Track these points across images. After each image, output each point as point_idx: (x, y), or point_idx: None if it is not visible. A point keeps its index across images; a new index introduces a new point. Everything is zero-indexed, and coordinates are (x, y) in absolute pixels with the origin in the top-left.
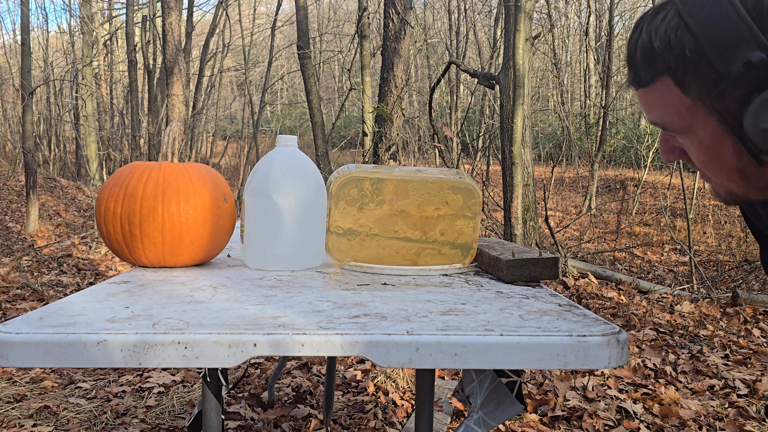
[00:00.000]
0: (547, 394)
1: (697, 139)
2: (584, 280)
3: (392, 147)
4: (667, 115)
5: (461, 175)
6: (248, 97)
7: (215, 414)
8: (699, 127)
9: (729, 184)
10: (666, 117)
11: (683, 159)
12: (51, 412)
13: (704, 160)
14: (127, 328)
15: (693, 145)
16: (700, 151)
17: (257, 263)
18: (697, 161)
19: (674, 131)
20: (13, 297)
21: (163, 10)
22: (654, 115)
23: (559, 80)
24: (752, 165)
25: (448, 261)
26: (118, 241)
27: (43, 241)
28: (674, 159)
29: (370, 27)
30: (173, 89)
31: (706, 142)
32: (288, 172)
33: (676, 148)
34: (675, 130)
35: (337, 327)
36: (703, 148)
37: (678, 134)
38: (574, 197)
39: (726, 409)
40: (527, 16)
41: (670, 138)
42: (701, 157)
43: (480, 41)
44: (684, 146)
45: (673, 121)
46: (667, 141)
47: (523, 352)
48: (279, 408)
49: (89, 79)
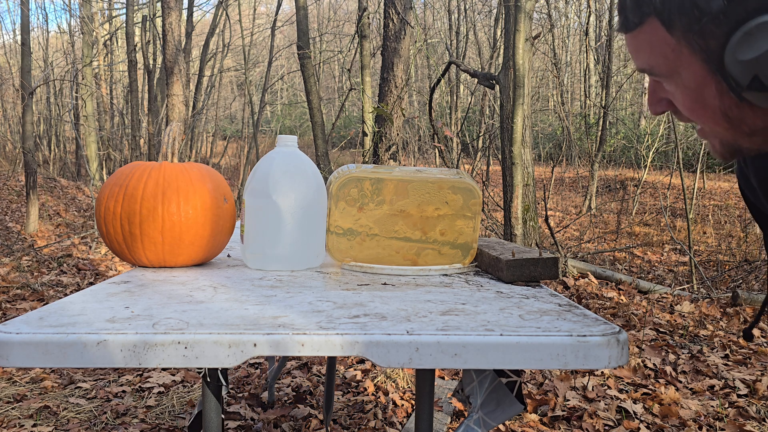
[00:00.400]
0: (547, 394)
1: (682, 83)
2: (584, 280)
3: (392, 147)
4: (654, 57)
5: (461, 175)
6: (248, 97)
7: (215, 414)
8: (683, 68)
9: (716, 128)
10: (653, 60)
11: (670, 110)
12: (51, 412)
13: (689, 105)
14: (127, 328)
15: (678, 90)
16: (685, 96)
17: (257, 263)
18: (683, 107)
19: (660, 75)
20: (13, 297)
21: (163, 10)
22: (641, 59)
23: (559, 80)
24: (734, 105)
25: (448, 261)
26: (118, 241)
27: (43, 241)
28: (661, 111)
29: (370, 27)
30: (173, 89)
31: (691, 85)
32: (288, 172)
33: (663, 99)
34: (661, 74)
35: (337, 327)
36: (687, 91)
37: (664, 79)
38: (574, 197)
39: (726, 409)
40: (527, 16)
41: (658, 88)
42: (686, 102)
43: (480, 41)
44: (670, 95)
45: (660, 63)
46: (655, 92)
47: (523, 352)
48: (279, 408)
49: (89, 79)
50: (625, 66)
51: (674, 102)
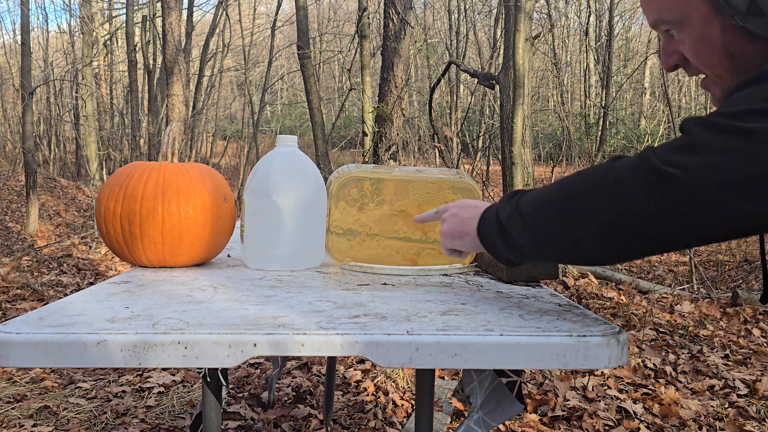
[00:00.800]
0: (547, 394)
1: (689, 27)
2: (584, 280)
3: (392, 147)
4: (663, 5)
5: (461, 175)
6: (248, 97)
7: (215, 414)
8: (691, 10)
9: (719, 69)
10: (662, 8)
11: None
12: (51, 412)
13: (696, 47)
14: (127, 328)
15: (686, 35)
16: (692, 38)
17: (257, 263)
18: (690, 51)
19: (670, 22)
20: (13, 297)
21: (163, 10)
22: (653, 11)
23: (559, 80)
24: (737, 40)
25: (448, 261)
26: (118, 241)
27: (43, 241)
28: (674, 63)
29: (370, 27)
30: (173, 89)
31: (697, 26)
32: (288, 172)
33: (676, 52)
34: (671, 20)
35: (337, 327)
36: (694, 34)
37: (674, 26)
38: None
39: (726, 409)
40: (527, 16)
41: (669, 43)
42: (693, 44)
43: (480, 41)
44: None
45: (668, 10)
46: (667, 47)
47: (523, 352)
48: (279, 408)
49: (89, 79)
50: (625, 66)
51: (683, 50)
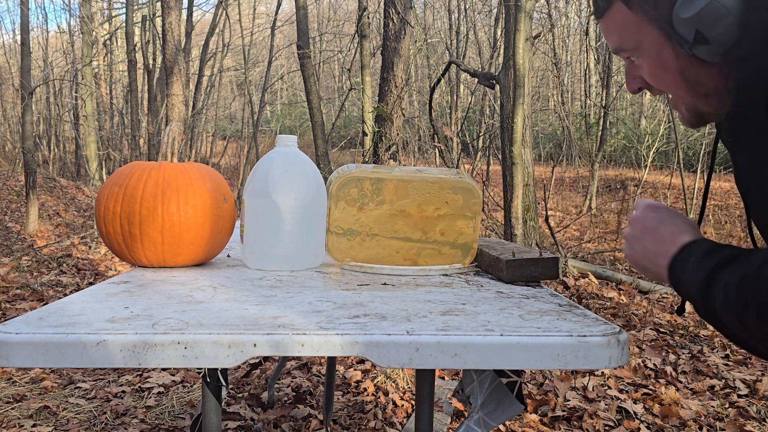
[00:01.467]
0: (548, 394)
1: (645, 54)
2: (584, 280)
3: (392, 147)
4: (621, 35)
5: (461, 175)
6: (248, 96)
7: (215, 414)
8: (645, 39)
9: (678, 91)
10: (621, 37)
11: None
12: (51, 412)
13: (653, 71)
14: (126, 328)
15: (645, 61)
16: (649, 64)
17: (257, 263)
18: (649, 75)
19: (629, 50)
20: (13, 297)
21: (162, 9)
22: (613, 40)
23: (560, 80)
24: (689, 65)
25: (448, 261)
26: (118, 241)
27: (43, 241)
28: (637, 87)
29: (370, 27)
30: (173, 89)
31: (652, 53)
32: (288, 172)
33: (638, 77)
34: (629, 47)
35: (337, 327)
36: (651, 60)
37: (633, 53)
38: (574, 197)
39: (726, 409)
40: (527, 16)
41: (632, 68)
42: (651, 69)
43: (480, 41)
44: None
45: (626, 39)
46: (630, 71)
47: (523, 352)
48: (279, 408)
49: (89, 79)
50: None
51: (643, 75)
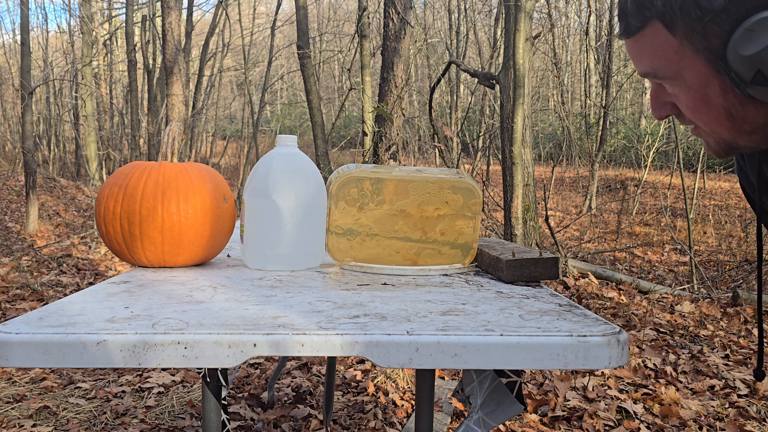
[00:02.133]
0: (548, 394)
1: (685, 84)
2: (584, 280)
3: (392, 147)
4: (657, 60)
5: (461, 174)
6: (248, 96)
7: (215, 414)
8: (687, 69)
9: (717, 128)
10: (656, 62)
11: (674, 113)
12: (51, 412)
13: (693, 105)
14: (126, 328)
15: (682, 91)
16: (689, 96)
17: (257, 263)
18: (687, 108)
19: (664, 77)
20: (13, 297)
21: (162, 9)
22: (644, 64)
23: (560, 80)
24: (738, 103)
25: (448, 261)
26: (118, 241)
27: (43, 241)
28: (666, 114)
29: (370, 27)
30: (173, 89)
31: (694, 85)
32: (288, 172)
33: (668, 103)
34: (665, 76)
35: (337, 327)
36: (691, 92)
37: (668, 81)
38: (574, 197)
39: (726, 409)
40: (527, 16)
41: (662, 93)
42: (690, 102)
43: (480, 41)
44: (674, 98)
45: (663, 66)
46: (659, 96)
47: (523, 352)
48: (279, 408)
49: (89, 79)
50: (625, 66)
51: (678, 104)
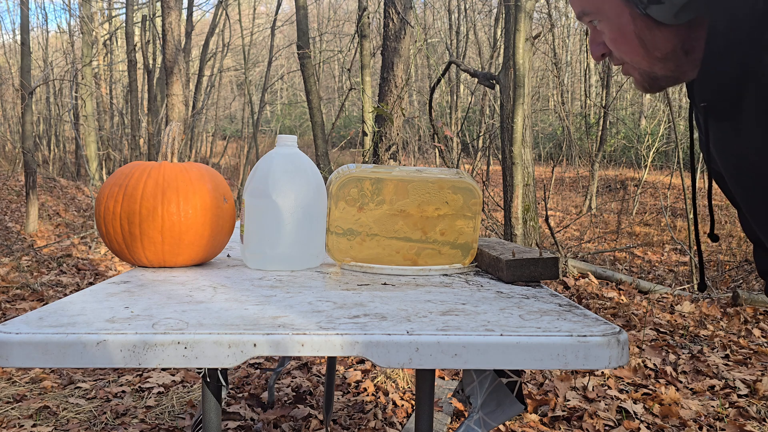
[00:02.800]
0: (548, 394)
1: (606, 20)
2: (584, 280)
3: (392, 147)
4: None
5: (461, 175)
6: (248, 96)
7: (215, 414)
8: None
9: (635, 57)
10: (583, 2)
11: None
12: (51, 412)
13: (613, 37)
14: (126, 328)
15: (606, 26)
16: (610, 30)
17: (257, 263)
18: (610, 42)
19: (591, 14)
20: (13, 297)
21: (162, 9)
22: (577, 5)
23: (560, 80)
24: (646, 28)
25: (448, 261)
26: (118, 241)
27: (43, 241)
28: (600, 53)
29: (370, 27)
30: (173, 89)
31: (612, 18)
32: (288, 172)
33: (601, 42)
34: (590, 11)
35: (337, 327)
36: (611, 24)
37: (595, 17)
38: (574, 197)
39: (726, 409)
40: (527, 16)
41: (595, 34)
42: (611, 35)
43: (480, 41)
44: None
45: (588, 4)
46: (594, 38)
47: (523, 352)
48: (279, 408)
49: (89, 79)
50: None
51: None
